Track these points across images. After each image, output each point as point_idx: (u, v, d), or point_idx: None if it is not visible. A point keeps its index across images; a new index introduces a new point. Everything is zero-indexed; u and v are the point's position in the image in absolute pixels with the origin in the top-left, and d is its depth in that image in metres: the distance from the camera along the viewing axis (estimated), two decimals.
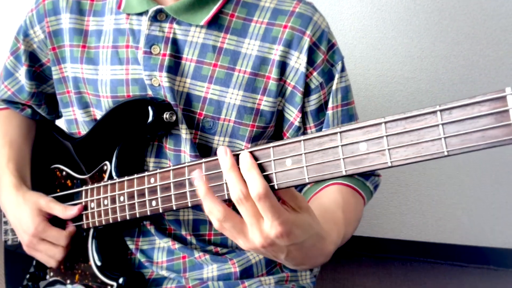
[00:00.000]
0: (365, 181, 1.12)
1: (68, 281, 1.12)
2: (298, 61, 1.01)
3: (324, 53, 1.03)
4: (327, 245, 0.82)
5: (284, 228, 0.71)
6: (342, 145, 0.66)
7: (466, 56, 2.31)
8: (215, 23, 1.02)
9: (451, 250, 2.57)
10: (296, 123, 1.05)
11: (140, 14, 1.04)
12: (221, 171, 0.78)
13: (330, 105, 1.06)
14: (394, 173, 2.52)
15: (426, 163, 2.45)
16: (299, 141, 0.71)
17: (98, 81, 1.08)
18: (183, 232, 1.07)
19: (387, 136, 0.62)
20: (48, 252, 1.11)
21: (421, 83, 2.38)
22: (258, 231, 0.73)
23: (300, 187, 1.11)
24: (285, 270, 1.13)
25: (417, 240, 2.61)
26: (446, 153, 0.57)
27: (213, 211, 0.74)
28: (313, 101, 1.05)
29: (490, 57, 2.28)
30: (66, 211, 1.08)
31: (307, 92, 1.04)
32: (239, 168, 0.74)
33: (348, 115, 1.09)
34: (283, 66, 1.02)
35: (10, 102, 1.27)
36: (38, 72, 1.21)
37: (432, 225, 2.57)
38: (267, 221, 0.71)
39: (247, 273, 1.07)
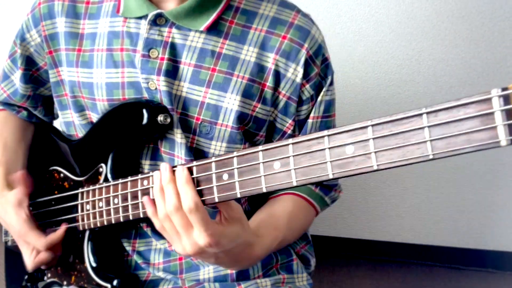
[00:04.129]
0: (324, 195, 1.16)
1: (65, 283, 1.13)
2: (295, 73, 1.03)
3: (318, 67, 1.05)
4: (255, 251, 0.92)
5: (212, 239, 0.80)
6: (329, 148, 0.66)
7: (464, 59, 2.30)
8: (214, 29, 1.03)
9: (449, 253, 2.56)
10: (290, 132, 1.08)
11: (139, 18, 1.04)
12: (211, 174, 0.80)
13: (312, 114, 1.09)
14: (392, 175, 2.52)
15: (424, 166, 2.45)
16: (287, 144, 0.71)
17: (93, 84, 1.08)
18: None
19: (373, 139, 0.62)
20: (26, 255, 1.12)
21: (419, 86, 2.38)
22: (188, 240, 0.82)
23: None
24: (282, 272, 1.14)
25: (415, 243, 2.60)
26: (431, 157, 0.57)
27: (159, 209, 0.84)
28: (303, 112, 1.08)
29: (488, 60, 2.28)
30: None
31: (299, 102, 1.06)
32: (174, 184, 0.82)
33: (326, 127, 1.11)
34: (278, 76, 1.03)
35: (6, 104, 1.27)
36: (35, 76, 1.22)
37: (430, 228, 2.57)
38: (197, 232, 0.80)
39: (243, 275, 1.08)
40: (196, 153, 1.04)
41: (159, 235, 1.07)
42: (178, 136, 1.02)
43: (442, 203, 2.52)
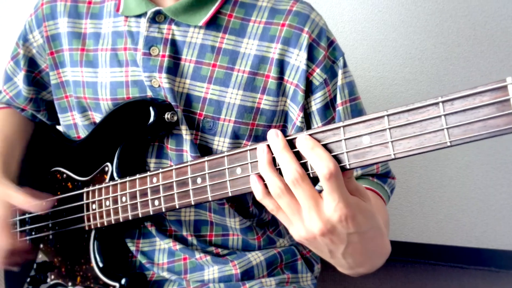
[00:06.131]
0: (383, 184, 1.12)
1: (70, 284, 1.12)
2: (298, 59, 1.01)
3: (324, 49, 1.03)
4: (386, 242, 0.77)
5: (349, 210, 0.66)
6: (345, 139, 0.67)
7: (467, 58, 2.31)
8: (213, 24, 1.03)
9: (452, 252, 2.57)
10: (298, 123, 1.04)
11: (139, 16, 1.04)
12: (224, 169, 0.79)
13: (338, 101, 1.05)
14: (395, 174, 2.52)
15: (428, 165, 2.45)
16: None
17: (97, 84, 1.08)
18: (184, 233, 1.07)
19: (390, 128, 0.63)
20: None
21: (422, 85, 2.38)
22: (317, 215, 0.67)
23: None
24: (286, 272, 1.13)
25: (418, 242, 2.61)
26: (448, 144, 0.58)
27: (271, 184, 0.70)
28: (319, 99, 1.03)
29: (491, 59, 2.29)
30: (26, 199, 1.05)
31: (311, 90, 1.03)
32: (291, 150, 0.70)
33: (357, 110, 1.08)
34: (282, 65, 1.02)
35: (11, 104, 1.27)
36: (38, 78, 1.22)
37: (433, 227, 2.57)
38: (331, 203, 0.66)
39: (248, 274, 1.07)
40: (201, 149, 1.04)
41: (163, 234, 1.07)
42: (184, 132, 1.01)
43: (445, 202, 2.52)
